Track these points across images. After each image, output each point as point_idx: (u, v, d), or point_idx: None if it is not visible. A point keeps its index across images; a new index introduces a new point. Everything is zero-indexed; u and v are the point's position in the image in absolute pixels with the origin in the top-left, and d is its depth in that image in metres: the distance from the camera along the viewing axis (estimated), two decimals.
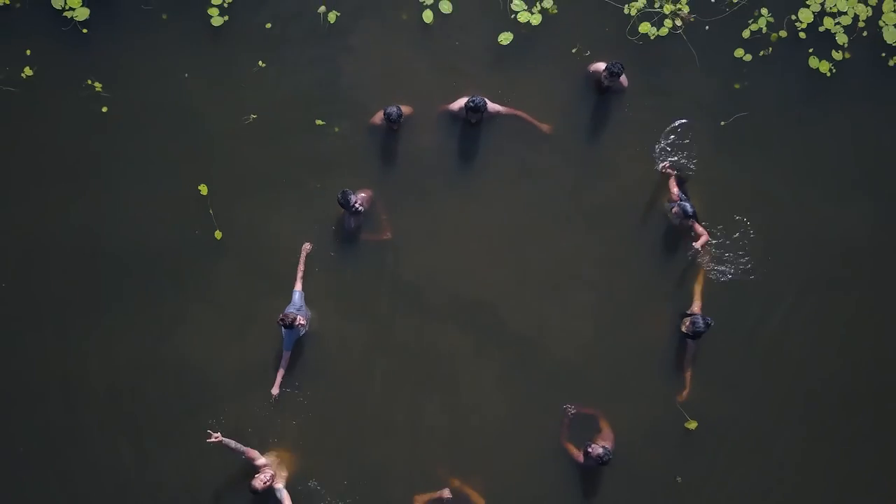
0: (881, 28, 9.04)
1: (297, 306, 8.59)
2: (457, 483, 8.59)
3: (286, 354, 8.68)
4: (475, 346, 8.86)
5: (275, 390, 8.70)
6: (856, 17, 9.05)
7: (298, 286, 8.67)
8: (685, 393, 8.58)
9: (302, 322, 8.43)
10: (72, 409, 8.81)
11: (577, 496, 8.70)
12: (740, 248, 8.79)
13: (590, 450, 8.37)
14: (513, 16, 9.07)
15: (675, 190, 8.63)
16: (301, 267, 8.69)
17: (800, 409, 8.76)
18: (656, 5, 9.07)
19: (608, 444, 8.44)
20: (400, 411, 8.82)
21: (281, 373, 8.69)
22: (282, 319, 8.36)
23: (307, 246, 8.77)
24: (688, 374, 8.59)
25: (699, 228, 8.52)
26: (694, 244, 8.42)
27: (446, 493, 8.51)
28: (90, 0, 9.09)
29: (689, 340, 8.56)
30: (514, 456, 8.72)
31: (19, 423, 8.78)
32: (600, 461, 8.30)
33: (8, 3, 9.11)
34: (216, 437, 8.20)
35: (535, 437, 8.75)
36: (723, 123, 8.95)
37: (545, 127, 8.82)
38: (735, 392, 8.74)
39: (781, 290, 8.83)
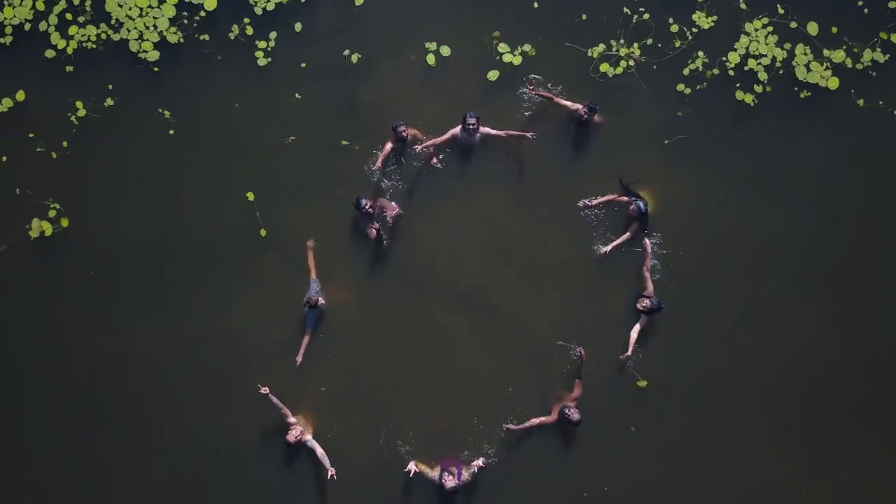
0: (794, 67, 11.29)
1: (315, 291, 10.71)
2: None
3: (308, 330, 10.78)
4: (470, 321, 10.98)
5: (298, 358, 10.77)
6: (774, 59, 11.31)
7: (313, 275, 10.79)
8: (630, 352, 10.65)
9: (322, 303, 10.59)
10: (138, 374, 10.90)
11: (552, 443, 10.77)
12: (676, 243, 10.99)
13: (567, 413, 10.49)
14: (498, 57, 11.33)
15: (625, 197, 10.85)
16: (310, 260, 10.81)
17: (735, 375, 10.88)
18: (614, 49, 11.33)
19: (575, 398, 10.56)
20: (405, 376, 10.92)
21: (304, 345, 10.76)
22: (307, 302, 10.52)
23: (310, 242, 10.91)
24: (633, 339, 10.67)
25: (646, 243, 10.72)
26: (644, 241, 10.65)
27: (436, 472, 10.53)
28: (160, 44, 11.34)
29: (644, 316, 10.69)
30: (498, 410, 10.80)
31: (92, 385, 10.86)
32: (576, 424, 10.44)
33: (94, 47, 11.34)
34: (265, 390, 10.30)
35: (516, 395, 10.85)
36: (666, 142, 11.17)
37: (528, 134, 10.94)
38: (678, 359, 10.86)
39: (715, 279, 11.00)
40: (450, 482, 10.33)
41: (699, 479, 10.78)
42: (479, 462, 10.43)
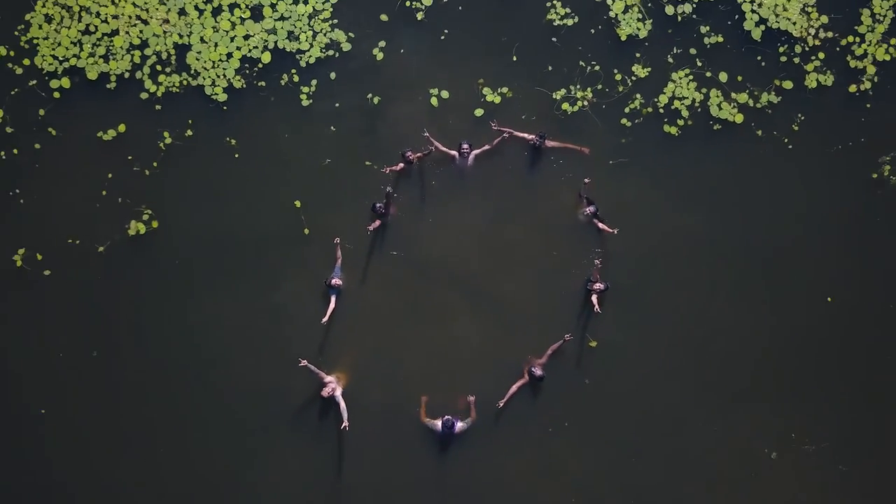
0: (709, 106, 14.89)
1: (337, 274, 14.14)
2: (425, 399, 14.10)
3: (332, 302, 14.14)
4: (467, 301, 14.48)
5: (324, 320, 14.10)
6: (693, 100, 14.92)
7: (338, 263, 14.24)
8: (596, 305, 14.04)
9: (339, 283, 14.00)
10: (209, 340, 14.35)
11: (524, 396, 14.21)
12: (620, 239, 14.54)
13: (533, 371, 13.96)
14: (483, 98, 14.93)
15: (586, 205, 14.38)
16: (338, 252, 14.21)
17: (667, 337, 14.36)
18: (572, 92, 14.93)
19: (541, 363, 14.02)
20: (412, 344, 14.37)
21: (329, 312, 14.01)
22: (328, 282, 14.01)
23: (337, 239, 14.32)
24: (595, 305, 14.13)
25: (602, 225, 14.23)
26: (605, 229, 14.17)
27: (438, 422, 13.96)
28: (228, 89, 14.93)
29: (595, 294, 14.16)
30: (489, 372, 14.26)
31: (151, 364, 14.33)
32: (541, 380, 13.92)
33: (177, 90, 14.94)
34: (303, 363, 13.71)
35: (503, 360, 14.32)
36: (611, 163, 14.75)
37: (505, 132, 14.37)
38: (621, 326, 14.35)
39: (650, 265, 14.51)
40: (449, 425, 13.75)
41: (641, 419, 14.23)
42: (471, 399, 13.87)
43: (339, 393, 14.02)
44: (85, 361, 14.30)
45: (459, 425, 13.93)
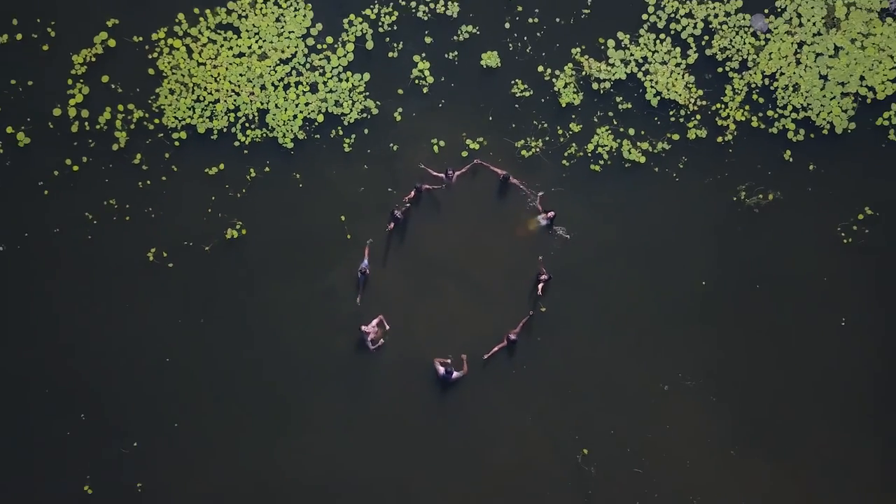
0: (622, 151, 21.87)
1: (365, 265, 21.03)
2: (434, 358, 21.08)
3: (361, 287, 21.09)
4: (458, 283, 21.40)
5: (358, 300, 21.08)
6: (612, 148, 21.92)
7: (366, 259, 21.15)
8: (540, 290, 21.01)
9: (366, 270, 20.90)
10: (282, 317, 21.26)
11: (503, 355, 21.10)
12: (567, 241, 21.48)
13: (510, 336, 20.87)
14: (467, 145, 21.94)
15: (543, 213, 21.37)
16: (367, 250, 21.06)
17: (611, 313, 21.29)
18: (528, 142, 21.93)
19: (516, 332, 20.92)
20: (419, 313, 21.26)
21: (360, 293, 21.01)
22: (361, 271, 20.94)
23: (369, 241, 21.23)
24: (539, 290, 21.08)
25: (557, 230, 21.19)
26: (558, 232, 21.12)
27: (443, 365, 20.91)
28: (294, 139, 21.88)
29: (541, 284, 21.08)
30: (477, 336, 21.16)
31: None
32: (514, 343, 20.81)
33: (259, 140, 21.90)
34: (364, 328, 20.63)
35: (487, 328, 21.21)
36: (553, 190, 21.72)
37: (475, 163, 21.47)
38: (563, 300, 21.27)
39: (590, 263, 21.46)
40: (448, 372, 20.61)
41: (580, 364, 21.10)
42: (463, 356, 20.77)
43: (371, 339, 20.85)
44: (198, 324, 21.15)
45: (455, 374, 20.75)
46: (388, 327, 20.89)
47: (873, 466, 21.04)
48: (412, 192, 21.45)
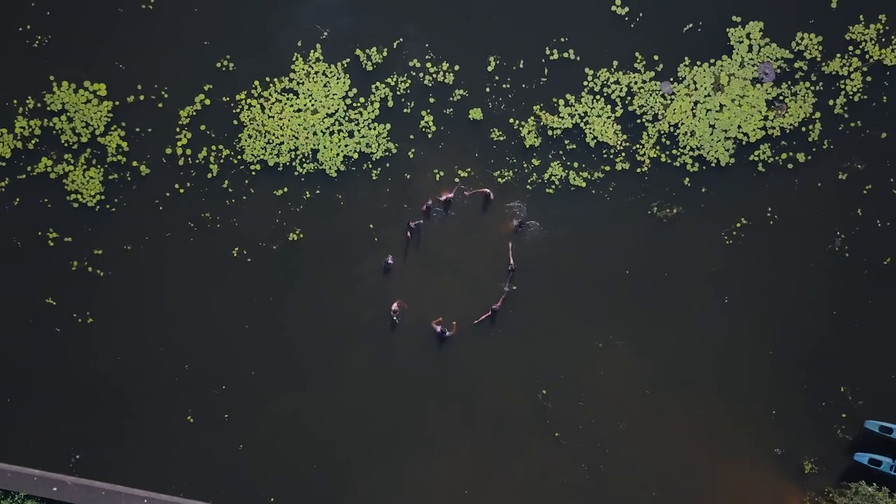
0: (569, 179, 30.97)
1: (388, 258, 30.04)
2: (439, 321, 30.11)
3: (390, 264, 30.10)
4: (454, 273, 30.40)
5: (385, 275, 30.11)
6: (562, 176, 30.99)
7: (390, 256, 30.17)
8: (511, 276, 30.04)
9: (391, 263, 29.88)
10: (329, 302, 30.22)
11: (486, 322, 30.07)
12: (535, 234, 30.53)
13: (493, 307, 29.83)
14: (458, 174, 30.99)
15: (517, 221, 30.42)
16: (389, 257, 30.21)
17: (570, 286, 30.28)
18: (503, 172, 30.98)
19: (497, 306, 29.89)
20: (427, 293, 30.22)
21: (387, 273, 30.04)
22: (385, 263, 29.95)
23: (391, 256, 30.28)
24: (510, 276, 30.10)
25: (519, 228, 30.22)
26: (517, 229, 30.17)
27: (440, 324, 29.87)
28: (337, 171, 30.92)
29: (510, 273, 30.09)
30: (467, 308, 30.15)
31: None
32: (495, 313, 29.77)
33: (312, 171, 30.93)
34: (395, 307, 29.55)
35: (479, 304, 30.19)
36: (521, 203, 30.81)
37: (460, 187, 30.59)
38: (528, 282, 30.26)
39: (540, 258, 30.49)
40: (442, 331, 29.57)
41: (547, 330, 30.10)
42: (454, 323, 29.77)
43: (396, 311, 29.83)
44: (268, 301, 30.09)
45: (447, 333, 29.73)
46: (406, 306, 29.71)
47: (754, 399, 30.01)
48: (423, 205, 30.44)
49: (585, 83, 31.04)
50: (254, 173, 30.71)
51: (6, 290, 30.51)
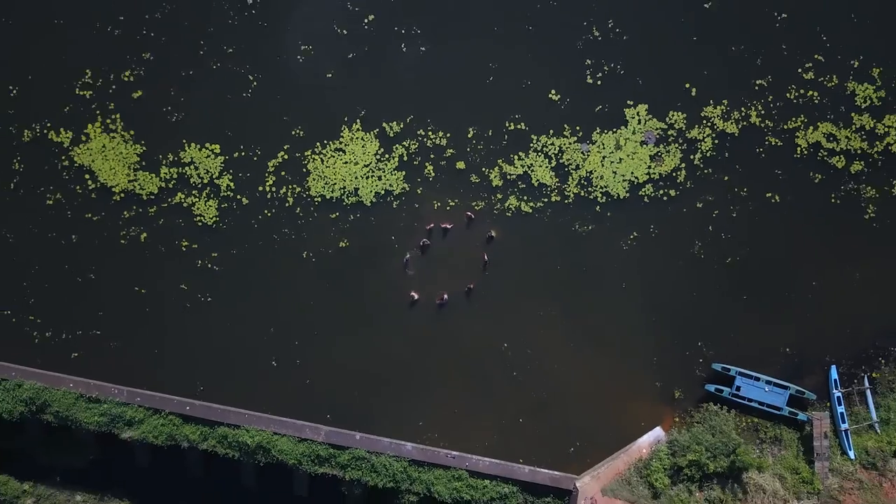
0: (521, 208, 47.60)
1: (407, 256, 46.48)
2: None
3: (408, 266, 46.55)
4: (455, 273, 46.96)
5: (410, 272, 46.52)
6: (516, 206, 47.65)
7: (409, 255, 46.67)
8: (485, 261, 46.54)
9: (408, 259, 46.39)
10: (371, 293, 46.79)
11: (470, 301, 46.72)
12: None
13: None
14: (449, 202, 47.66)
15: (488, 233, 46.99)
16: (409, 265, 46.68)
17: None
18: (477, 203, 47.59)
19: (471, 285, 46.45)
20: (435, 284, 46.77)
21: (409, 268, 46.49)
22: (406, 259, 46.50)
23: (410, 257, 46.75)
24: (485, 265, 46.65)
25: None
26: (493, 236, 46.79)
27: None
28: (373, 202, 47.45)
29: (485, 265, 46.62)
30: (461, 288, 46.73)
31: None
32: (470, 290, 46.35)
33: (351, 204, 47.50)
34: (413, 295, 46.01)
35: (463, 285, 46.78)
36: (490, 222, 47.45)
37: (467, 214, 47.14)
38: (499, 273, 46.83)
39: (511, 261, 47.06)
40: (443, 302, 46.12)
41: (510, 301, 46.72)
42: (446, 295, 46.36)
43: (414, 298, 46.41)
44: (325, 286, 46.73)
45: (445, 302, 46.34)
46: (416, 295, 46.26)
47: (642, 350, 46.67)
48: (430, 224, 46.97)
49: (531, 145, 47.69)
50: (317, 202, 47.24)
51: (158, 280, 46.93)
